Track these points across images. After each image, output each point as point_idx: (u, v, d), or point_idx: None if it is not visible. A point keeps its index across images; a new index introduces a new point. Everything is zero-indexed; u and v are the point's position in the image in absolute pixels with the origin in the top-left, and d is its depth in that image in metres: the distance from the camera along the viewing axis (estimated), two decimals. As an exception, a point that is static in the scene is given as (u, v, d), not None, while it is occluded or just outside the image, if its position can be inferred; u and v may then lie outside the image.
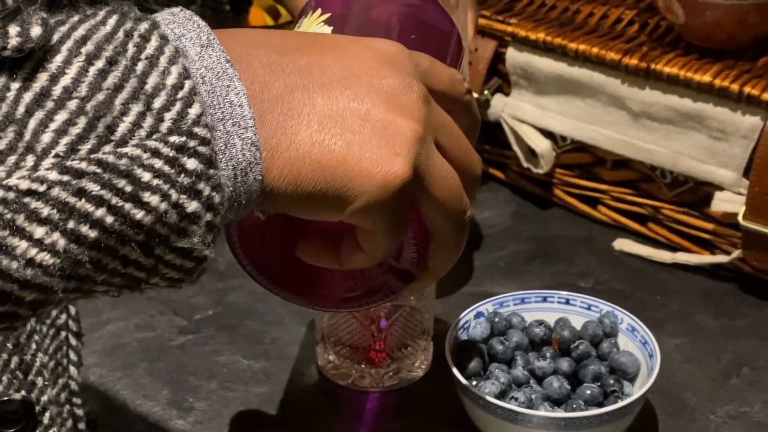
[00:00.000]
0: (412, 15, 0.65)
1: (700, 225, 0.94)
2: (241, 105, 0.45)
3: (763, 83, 0.86)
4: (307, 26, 0.63)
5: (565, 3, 1.03)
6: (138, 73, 0.42)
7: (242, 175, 0.45)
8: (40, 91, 0.41)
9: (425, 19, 0.66)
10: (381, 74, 0.50)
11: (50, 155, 0.40)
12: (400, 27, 0.65)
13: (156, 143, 0.42)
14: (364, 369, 0.81)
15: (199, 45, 0.45)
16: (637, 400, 0.72)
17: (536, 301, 0.82)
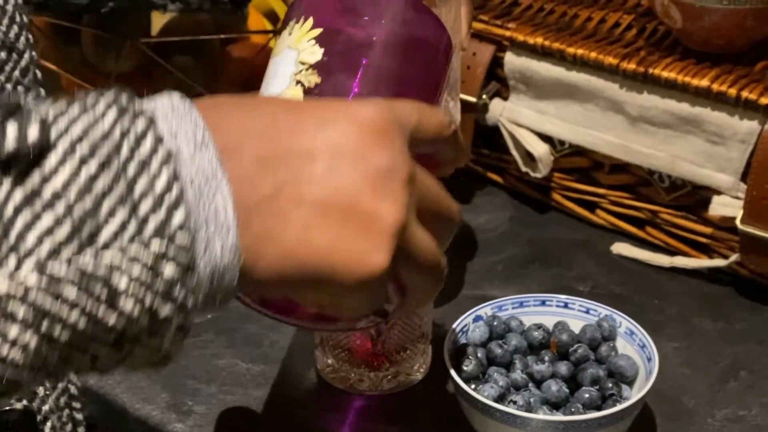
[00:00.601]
0: (404, 34, 0.65)
1: (698, 229, 0.94)
2: (226, 209, 0.45)
3: (761, 87, 0.86)
4: (298, 40, 0.63)
5: (563, 7, 1.03)
6: (128, 178, 0.43)
7: (220, 277, 0.46)
8: (31, 190, 0.42)
9: (418, 35, 0.65)
10: (368, 154, 0.51)
11: (32, 257, 0.41)
12: (393, 48, 0.64)
13: (137, 248, 0.43)
14: (363, 372, 0.81)
15: (193, 144, 0.46)
16: (635, 403, 0.72)
17: (535, 304, 0.83)
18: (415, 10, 0.65)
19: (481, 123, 1.03)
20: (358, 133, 0.52)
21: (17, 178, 0.42)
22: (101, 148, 0.43)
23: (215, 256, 0.45)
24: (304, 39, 0.64)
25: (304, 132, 0.51)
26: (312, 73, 0.63)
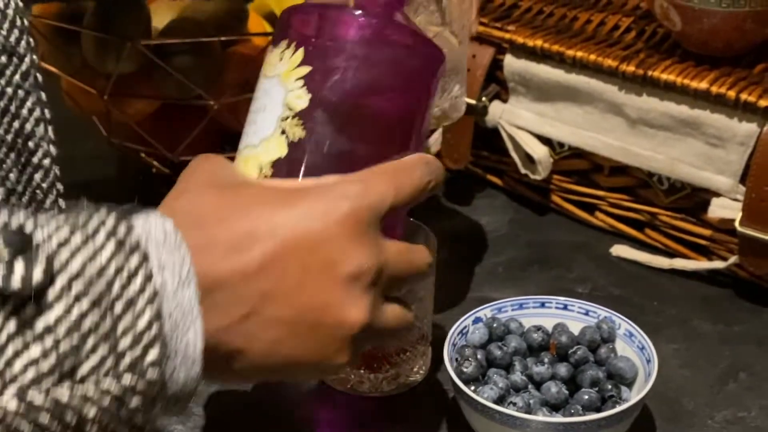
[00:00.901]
0: (397, 63, 0.63)
1: (697, 231, 0.95)
2: (196, 345, 0.50)
3: (760, 90, 0.86)
4: (286, 75, 0.62)
5: (562, 10, 1.03)
6: (115, 315, 0.47)
7: (180, 399, 0.50)
8: (24, 322, 0.45)
9: (410, 63, 0.64)
10: (339, 262, 0.56)
11: (16, 383, 0.45)
12: (386, 82, 0.63)
13: (110, 381, 0.46)
14: (363, 374, 0.81)
15: (178, 279, 0.50)
16: (634, 405, 0.73)
17: (534, 306, 0.83)
18: (402, 45, 0.64)
19: (481, 125, 1.03)
20: (330, 240, 0.56)
21: (14, 310, 0.45)
22: (95, 286, 0.47)
23: (178, 384, 0.49)
24: (292, 76, 0.62)
25: (278, 248, 0.55)
26: (297, 124, 0.61)
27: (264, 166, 0.61)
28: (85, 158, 1.10)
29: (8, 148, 0.68)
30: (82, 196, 0.58)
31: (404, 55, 0.64)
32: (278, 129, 0.61)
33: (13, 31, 0.64)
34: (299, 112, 0.61)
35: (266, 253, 0.54)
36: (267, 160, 0.61)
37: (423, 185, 0.60)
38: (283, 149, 0.61)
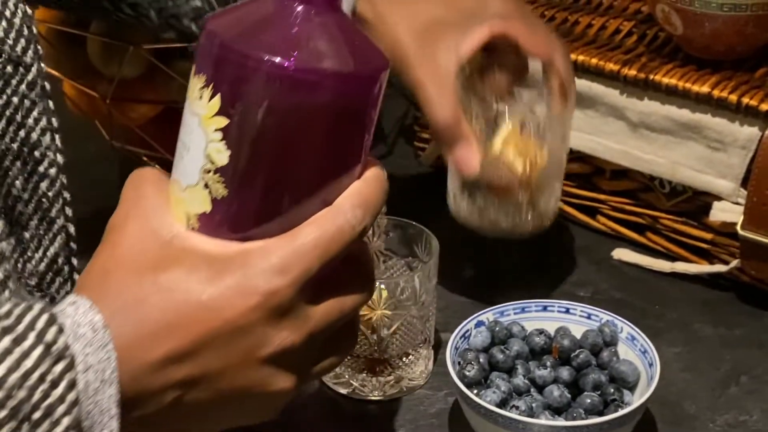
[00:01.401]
0: (326, 110, 0.57)
1: (699, 235, 0.95)
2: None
3: (761, 94, 0.86)
4: (206, 120, 0.57)
5: (564, 14, 1.03)
6: (32, 422, 0.48)
7: None
8: None
9: (343, 103, 0.57)
10: (263, 342, 0.56)
11: None
12: (315, 135, 0.57)
13: None
14: (366, 378, 0.81)
15: (100, 380, 0.51)
16: (637, 408, 0.73)
17: (536, 310, 0.83)
18: (339, 85, 0.57)
19: (483, 129, 1.03)
20: (249, 323, 0.55)
21: None
22: (16, 394, 0.48)
23: None
24: (211, 125, 0.58)
25: (199, 334, 0.55)
26: (219, 181, 0.58)
27: (191, 217, 0.59)
28: (87, 162, 1.10)
29: (14, 157, 0.68)
30: (86, 200, 0.58)
31: (335, 97, 0.58)
32: (202, 181, 0.58)
33: (20, 41, 0.64)
34: (220, 168, 0.57)
35: (188, 341, 0.55)
36: (193, 212, 0.59)
37: (350, 237, 0.58)
38: (207, 204, 0.58)
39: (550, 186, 0.87)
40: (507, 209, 0.87)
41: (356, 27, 0.61)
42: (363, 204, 0.59)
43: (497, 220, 0.88)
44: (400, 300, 0.79)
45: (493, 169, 0.84)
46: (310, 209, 0.58)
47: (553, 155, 0.85)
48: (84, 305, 0.53)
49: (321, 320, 0.58)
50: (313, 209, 0.58)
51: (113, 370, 0.52)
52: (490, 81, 0.86)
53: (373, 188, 0.60)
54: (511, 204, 0.86)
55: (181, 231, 0.59)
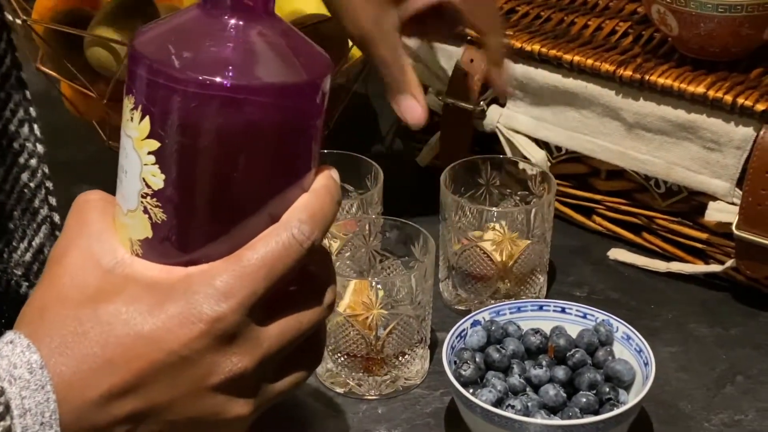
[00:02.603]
0: (263, 128, 0.55)
1: (694, 235, 0.95)
2: None
3: (756, 94, 0.87)
4: (138, 144, 0.56)
5: (560, 15, 1.04)
6: None
7: None
8: None
9: (282, 118, 0.55)
10: (205, 372, 0.55)
11: None
12: (251, 155, 0.55)
13: None
14: (362, 377, 0.81)
15: (39, 422, 0.50)
16: (632, 408, 0.73)
17: (532, 309, 0.83)
18: (277, 101, 0.55)
19: (479, 129, 1.03)
20: (195, 352, 0.54)
21: None
22: None
23: None
24: (144, 147, 0.56)
25: (143, 366, 0.54)
26: (156, 205, 0.56)
27: (134, 242, 0.57)
28: (85, 162, 1.10)
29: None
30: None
31: (273, 112, 0.55)
32: (140, 205, 0.57)
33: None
34: (156, 192, 0.56)
35: (131, 376, 0.54)
36: (135, 237, 0.57)
37: (297, 256, 0.56)
38: (147, 230, 0.57)
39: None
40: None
41: (293, 31, 0.58)
42: (310, 218, 0.57)
43: None
44: (397, 299, 0.79)
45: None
46: (257, 226, 0.57)
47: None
48: (21, 344, 0.51)
49: (275, 341, 0.57)
50: (260, 226, 0.57)
51: (52, 412, 0.51)
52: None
53: (322, 200, 0.58)
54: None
55: (124, 257, 0.57)
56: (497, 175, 0.94)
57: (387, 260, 0.86)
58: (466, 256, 0.89)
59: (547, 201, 0.89)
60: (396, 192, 1.07)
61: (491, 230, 0.88)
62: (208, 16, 0.56)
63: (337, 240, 0.86)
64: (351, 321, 0.79)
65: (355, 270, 0.86)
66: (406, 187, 1.09)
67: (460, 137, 1.04)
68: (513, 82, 0.95)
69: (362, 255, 0.86)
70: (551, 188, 0.90)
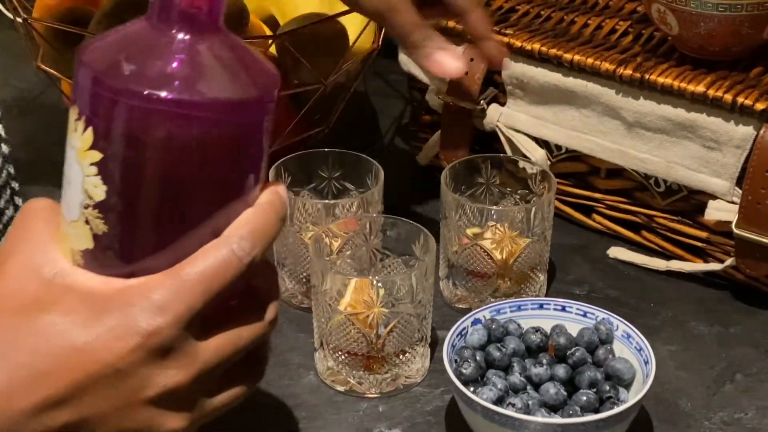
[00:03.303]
0: (205, 142, 0.55)
1: (694, 233, 0.95)
2: None
3: (756, 93, 0.87)
4: (81, 154, 0.56)
5: (560, 14, 1.04)
6: None
7: None
8: None
9: (225, 133, 0.56)
10: (140, 385, 0.55)
11: None
12: (193, 168, 0.55)
13: None
14: (363, 375, 0.81)
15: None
16: (632, 406, 0.73)
17: (533, 308, 0.83)
18: (219, 117, 0.56)
19: (479, 128, 1.03)
20: (130, 365, 0.54)
21: None
22: None
23: None
24: (86, 159, 0.56)
25: (78, 378, 0.54)
26: (98, 216, 0.56)
27: (75, 253, 0.58)
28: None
29: None
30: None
31: (216, 129, 0.55)
32: (82, 216, 0.57)
33: None
34: (98, 203, 0.56)
35: (64, 387, 0.54)
36: (77, 248, 0.57)
37: (242, 269, 0.57)
38: (89, 240, 0.57)
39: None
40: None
41: (241, 45, 0.58)
42: (251, 234, 0.57)
43: None
44: (397, 298, 0.80)
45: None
46: (198, 241, 0.57)
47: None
48: None
49: (213, 356, 0.57)
50: (202, 241, 0.57)
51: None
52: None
53: (265, 216, 0.58)
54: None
55: (65, 267, 0.57)
56: (497, 173, 0.94)
57: (387, 259, 0.87)
58: (466, 254, 0.89)
59: (547, 200, 0.89)
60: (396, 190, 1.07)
61: (491, 229, 0.88)
62: (155, 29, 0.56)
63: (338, 239, 0.86)
64: (352, 319, 0.79)
65: (356, 268, 0.86)
66: (406, 185, 1.09)
67: (460, 136, 1.04)
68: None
69: (363, 253, 0.86)
70: (551, 187, 0.90)
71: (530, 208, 0.88)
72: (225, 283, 0.56)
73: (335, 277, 0.80)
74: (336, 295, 0.80)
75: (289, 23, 1.03)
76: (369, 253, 0.87)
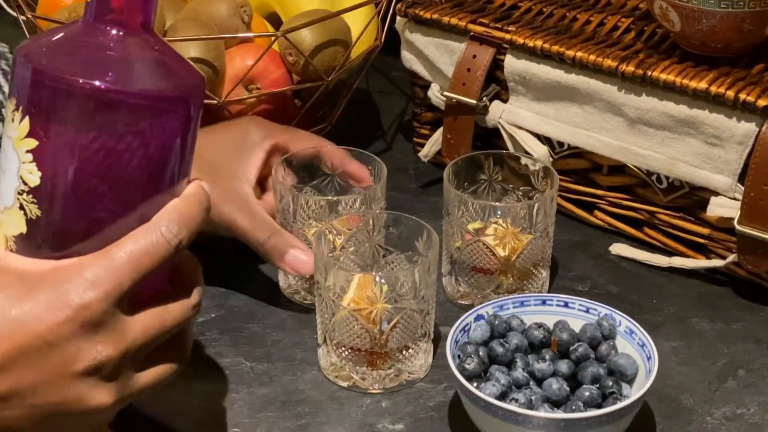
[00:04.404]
0: (132, 131, 0.59)
1: (696, 230, 0.95)
2: None
3: (758, 90, 0.87)
4: (17, 141, 0.59)
5: (562, 11, 1.04)
6: None
7: None
8: None
9: (151, 123, 0.60)
10: (70, 357, 0.57)
11: None
12: (122, 156, 0.59)
13: None
14: (366, 371, 0.82)
15: None
16: (635, 401, 0.73)
17: (535, 304, 0.83)
18: (145, 109, 0.60)
19: (481, 125, 1.04)
20: (61, 337, 0.57)
21: None
22: None
23: None
24: (23, 146, 0.60)
25: (9, 349, 0.56)
26: (32, 201, 0.60)
27: (8, 238, 0.61)
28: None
29: None
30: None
31: (145, 119, 0.60)
32: (17, 202, 0.61)
33: None
34: (32, 189, 0.60)
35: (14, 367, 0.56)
36: (10, 234, 0.61)
37: (165, 252, 0.61)
38: (22, 225, 0.61)
39: None
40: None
41: (169, 48, 0.62)
42: (178, 219, 0.61)
43: None
44: (400, 294, 0.80)
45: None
46: (128, 227, 0.61)
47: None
48: None
49: (140, 333, 0.60)
50: (131, 227, 0.61)
51: None
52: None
53: (191, 205, 0.62)
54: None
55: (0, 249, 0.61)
56: (500, 170, 0.95)
57: (391, 255, 0.87)
58: (469, 250, 0.89)
59: (550, 196, 0.89)
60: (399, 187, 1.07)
61: (494, 225, 0.89)
62: (90, 27, 0.60)
63: (342, 235, 0.86)
64: (355, 315, 0.80)
65: (359, 264, 0.87)
66: (408, 182, 1.10)
67: (462, 133, 1.04)
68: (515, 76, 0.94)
69: (366, 250, 0.87)
70: (553, 183, 0.90)
71: (533, 204, 0.88)
72: (153, 263, 0.60)
73: (338, 273, 0.81)
74: (339, 291, 0.80)
75: (291, 20, 1.04)
76: (372, 250, 0.87)
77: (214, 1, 1.03)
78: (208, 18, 1.01)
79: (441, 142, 1.06)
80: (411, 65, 1.09)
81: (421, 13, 1.04)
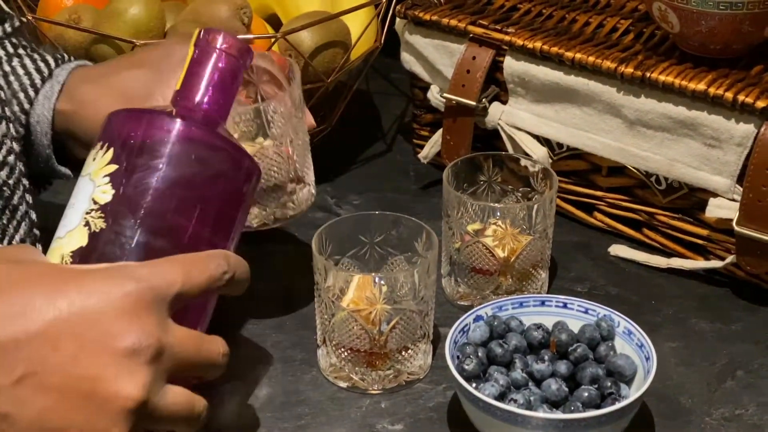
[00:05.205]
0: (203, 164, 0.67)
1: (695, 231, 0.96)
2: None
3: (757, 91, 0.87)
4: (96, 172, 0.66)
5: (561, 12, 1.04)
6: None
7: None
8: None
9: (218, 166, 0.68)
10: (116, 335, 0.58)
11: None
12: (189, 183, 0.66)
13: None
14: (365, 371, 0.82)
15: None
16: (634, 402, 0.73)
17: (534, 305, 0.84)
18: (211, 149, 0.67)
19: (481, 126, 1.04)
20: (110, 315, 0.58)
21: None
22: None
23: None
24: (101, 173, 0.66)
25: (55, 318, 0.58)
26: (99, 217, 0.64)
27: (65, 255, 0.64)
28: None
29: None
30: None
31: (211, 157, 0.67)
32: (82, 221, 0.64)
33: None
34: (102, 205, 0.64)
35: (42, 322, 0.57)
36: (68, 250, 0.64)
37: (217, 276, 0.64)
38: (84, 239, 0.64)
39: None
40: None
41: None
42: (229, 258, 0.65)
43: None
44: (400, 295, 0.80)
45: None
46: (181, 248, 0.65)
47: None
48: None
49: (178, 342, 0.61)
50: (184, 250, 0.65)
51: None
52: None
53: (240, 259, 0.67)
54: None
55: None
56: (499, 171, 0.95)
57: (390, 256, 0.87)
58: (468, 251, 0.89)
59: (549, 197, 0.89)
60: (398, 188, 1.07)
61: (493, 226, 0.89)
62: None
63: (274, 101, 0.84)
64: (354, 316, 0.80)
65: (359, 266, 0.87)
66: (408, 183, 1.10)
67: (462, 134, 1.05)
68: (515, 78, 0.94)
69: (366, 251, 0.87)
70: (553, 185, 0.90)
71: (532, 205, 0.88)
72: (201, 283, 0.63)
73: (338, 274, 0.81)
74: (339, 292, 0.80)
75: (291, 22, 1.04)
76: (372, 251, 0.87)
77: (215, 2, 1.03)
78: (209, 19, 1.01)
79: (441, 143, 1.06)
80: (410, 67, 1.09)
81: (420, 14, 1.05)
